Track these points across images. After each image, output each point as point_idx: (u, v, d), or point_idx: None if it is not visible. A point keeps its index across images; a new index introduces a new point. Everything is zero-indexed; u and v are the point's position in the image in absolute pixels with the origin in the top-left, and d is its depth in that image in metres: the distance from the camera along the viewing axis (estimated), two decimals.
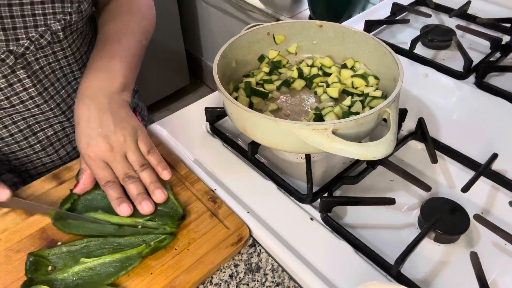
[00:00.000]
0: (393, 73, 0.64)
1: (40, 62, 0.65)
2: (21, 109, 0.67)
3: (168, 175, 0.60)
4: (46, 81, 0.67)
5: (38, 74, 0.66)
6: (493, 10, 0.99)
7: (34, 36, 0.62)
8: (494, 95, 0.77)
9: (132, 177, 0.57)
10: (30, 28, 0.61)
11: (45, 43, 0.64)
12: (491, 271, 0.52)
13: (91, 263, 0.52)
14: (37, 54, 0.64)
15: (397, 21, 0.98)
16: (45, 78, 0.67)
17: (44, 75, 0.67)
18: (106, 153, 0.57)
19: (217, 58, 0.65)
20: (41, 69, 0.66)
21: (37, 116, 0.69)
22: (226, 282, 0.53)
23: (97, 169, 0.57)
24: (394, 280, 0.51)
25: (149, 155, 0.59)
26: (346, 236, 0.55)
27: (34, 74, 0.65)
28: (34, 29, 0.61)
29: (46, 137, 0.73)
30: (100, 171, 0.57)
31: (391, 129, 0.54)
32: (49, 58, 0.66)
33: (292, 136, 0.55)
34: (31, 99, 0.66)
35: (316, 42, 0.77)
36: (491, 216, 0.59)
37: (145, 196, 0.57)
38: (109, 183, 0.57)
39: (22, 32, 0.60)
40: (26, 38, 0.61)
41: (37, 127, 0.71)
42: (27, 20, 0.60)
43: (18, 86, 0.64)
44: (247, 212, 0.59)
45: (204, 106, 0.72)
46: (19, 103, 0.66)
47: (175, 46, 2.19)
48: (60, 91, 0.70)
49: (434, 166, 0.65)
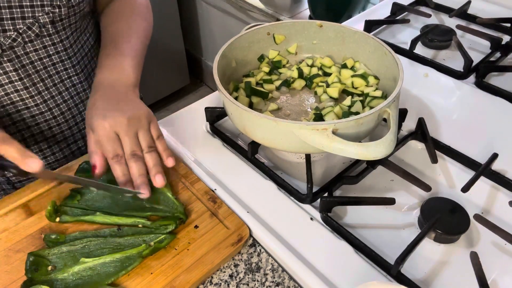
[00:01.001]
0: (393, 73, 0.64)
1: (30, 57, 0.65)
2: (5, 102, 0.66)
3: (172, 163, 0.61)
4: (35, 76, 0.67)
5: (27, 68, 0.66)
6: (493, 10, 0.99)
7: (22, 28, 0.62)
8: (494, 95, 0.77)
9: (137, 156, 0.58)
10: (18, 20, 0.61)
11: (33, 35, 0.64)
12: (491, 271, 0.52)
13: (91, 263, 0.52)
14: (27, 48, 0.64)
15: (397, 21, 0.98)
16: (35, 73, 0.67)
17: (34, 70, 0.67)
18: (122, 125, 0.58)
19: (217, 58, 0.65)
20: (32, 63, 0.66)
21: (22, 112, 0.69)
22: (226, 282, 0.53)
23: (108, 140, 0.57)
24: (394, 280, 0.51)
25: (157, 140, 0.61)
26: (346, 236, 0.55)
27: (22, 68, 0.65)
28: (22, 21, 0.61)
29: (31, 135, 0.72)
30: (111, 143, 0.57)
31: (391, 129, 0.54)
32: (40, 53, 0.66)
33: (292, 136, 0.55)
34: (16, 92, 0.66)
35: (316, 42, 0.76)
36: (491, 216, 0.59)
37: (144, 179, 0.58)
38: (117, 157, 0.57)
39: (9, 23, 0.61)
40: (14, 30, 0.61)
41: (22, 124, 0.70)
42: (14, 12, 0.60)
43: (4, 78, 0.64)
44: (247, 212, 0.59)
45: (204, 106, 0.72)
46: (4, 95, 0.66)
47: (175, 46, 2.19)
48: (50, 88, 0.70)
49: (434, 166, 0.65)
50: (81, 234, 0.56)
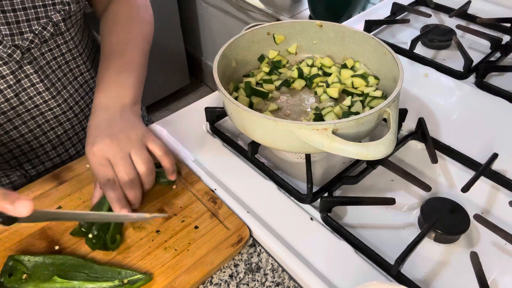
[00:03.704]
0: (393, 73, 0.64)
1: (46, 57, 0.66)
2: (29, 105, 0.67)
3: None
4: (53, 76, 0.68)
5: (45, 69, 0.66)
6: (493, 10, 0.99)
7: (37, 29, 0.62)
8: (494, 95, 0.77)
9: (131, 180, 0.55)
10: (33, 21, 0.61)
11: (48, 35, 0.64)
12: (491, 271, 0.52)
13: (60, 285, 0.50)
14: (42, 48, 0.64)
15: (397, 21, 0.98)
16: (52, 73, 0.67)
17: (51, 70, 0.67)
18: (110, 149, 0.55)
19: (217, 58, 0.65)
20: (48, 64, 0.66)
21: (46, 114, 0.69)
22: (226, 282, 0.53)
23: (98, 166, 0.55)
24: (394, 280, 0.51)
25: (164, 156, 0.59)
26: (346, 236, 0.55)
27: (41, 69, 0.65)
28: (36, 22, 0.62)
29: (56, 136, 0.72)
30: (102, 168, 0.55)
31: (391, 129, 0.54)
32: (54, 52, 0.67)
33: (292, 136, 0.55)
34: (38, 94, 0.66)
35: (316, 42, 0.76)
36: (491, 216, 0.59)
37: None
38: (108, 181, 0.55)
39: (25, 25, 0.61)
40: (30, 31, 0.61)
41: (47, 126, 0.70)
42: (28, 13, 0.60)
43: (26, 81, 0.64)
44: (247, 212, 0.59)
45: (204, 106, 0.72)
46: (28, 99, 0.66)
47: (175, 46, 2.19)
48: (67, 86, 0.71)
49: (434, 166, 0.65)
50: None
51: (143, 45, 0.71)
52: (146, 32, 0.73)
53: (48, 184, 0.63)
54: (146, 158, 0.57)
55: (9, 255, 0.52)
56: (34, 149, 0.72)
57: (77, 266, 0.52)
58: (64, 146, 0.75)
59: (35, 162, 0.73)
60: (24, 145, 0.70)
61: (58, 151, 0.74)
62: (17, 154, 0.71)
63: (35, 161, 0.73)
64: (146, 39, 0.72)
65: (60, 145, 0.74)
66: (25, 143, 0.70)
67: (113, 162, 0.55)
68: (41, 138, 0.71)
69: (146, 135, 0.59)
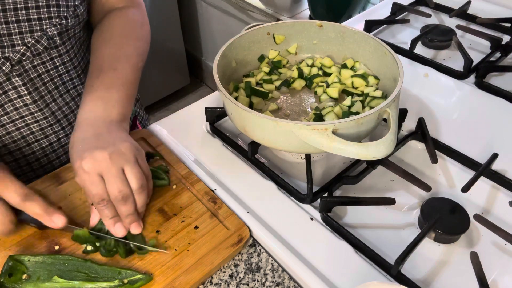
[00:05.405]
0: (393, 73, 0.64)
1: (38, 70, 0.64)
2: (14, 116, 0.65)
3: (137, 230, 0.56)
4: (43, 88, 0.66)
5: (35, 81, 0.64)
6: (493, 10, 0.99)
7: (30, 42, 0.60)
8: (494, 95, 0.77)
9: (125, 196, 0.53)
10: (26, 34, 0.60)
11: (41, 48, 0.62)
12: (491, 271, 0.52)
13: (60, 285, 0.50)
14: (34, 61, 0.63)
15: (397, 21, 0.98)
16: (42, 85, 0.65)
17: (42, 82, 0.65)
18: (102, 164, 0.52)
19: (217, 58, 0.65)
20: (39, 76, 0.64)
21: (31, 126, 0.67)
22: (226, 282, 0.53)
23: (91, 185, 0.52)
24: (394, 280, 0.51)
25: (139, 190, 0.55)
26: (346, 236, 0.55)
27: (31, 82, 0.64)
28: (30, 35, 0.60)
29: (40, 148, 0.70)
30: (94, 187, 0.52)
31: (391, 129, 0.54)
32: (47, 65, 0.65)
33: (292, 136, 0.55)
34: (25, 106, 0.65)
35: (316, 42, 0.77)
36: (491, 216, 0.59)
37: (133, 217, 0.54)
38: (103, 202, 0.52)
39: (17, 38, 0.59)
40: (22, 44, 0.60)
41: (32, 138, 0.68)
42: (22, 26, 0.59)
43: (12, 93, 0.63)
44: (247, 212, 0.59)
45: (204, 106, 0.72)
46: (13, 110, 0.64)
47: (175, 46, 2.19)
48: (57, 99, 0.69)
49: (434, 166, 0.65)
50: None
51: (136, 61, 0.67)
52: (141, 49, 0.70)
53: (48, 184, 0.63)
54: (138, 175, 0.54)
55: (9, 255, 0.52)
56: (17, 160, 0.70)
57: (77, 266, 0.52)
58: (48, 158, 0.72)
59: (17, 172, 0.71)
60: (6, 155, 0.68)
61: (42, 162, 0.72)
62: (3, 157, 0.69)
63: (18, 171, 0.71)
64: (140, 56, 0.69)
65: (44, 157, 0.72)
66: (7, 153, 0.68)
67: (105, 179, 0.52)
68: (24, 149, 0.69)
69: (137, 152, 0.56)
